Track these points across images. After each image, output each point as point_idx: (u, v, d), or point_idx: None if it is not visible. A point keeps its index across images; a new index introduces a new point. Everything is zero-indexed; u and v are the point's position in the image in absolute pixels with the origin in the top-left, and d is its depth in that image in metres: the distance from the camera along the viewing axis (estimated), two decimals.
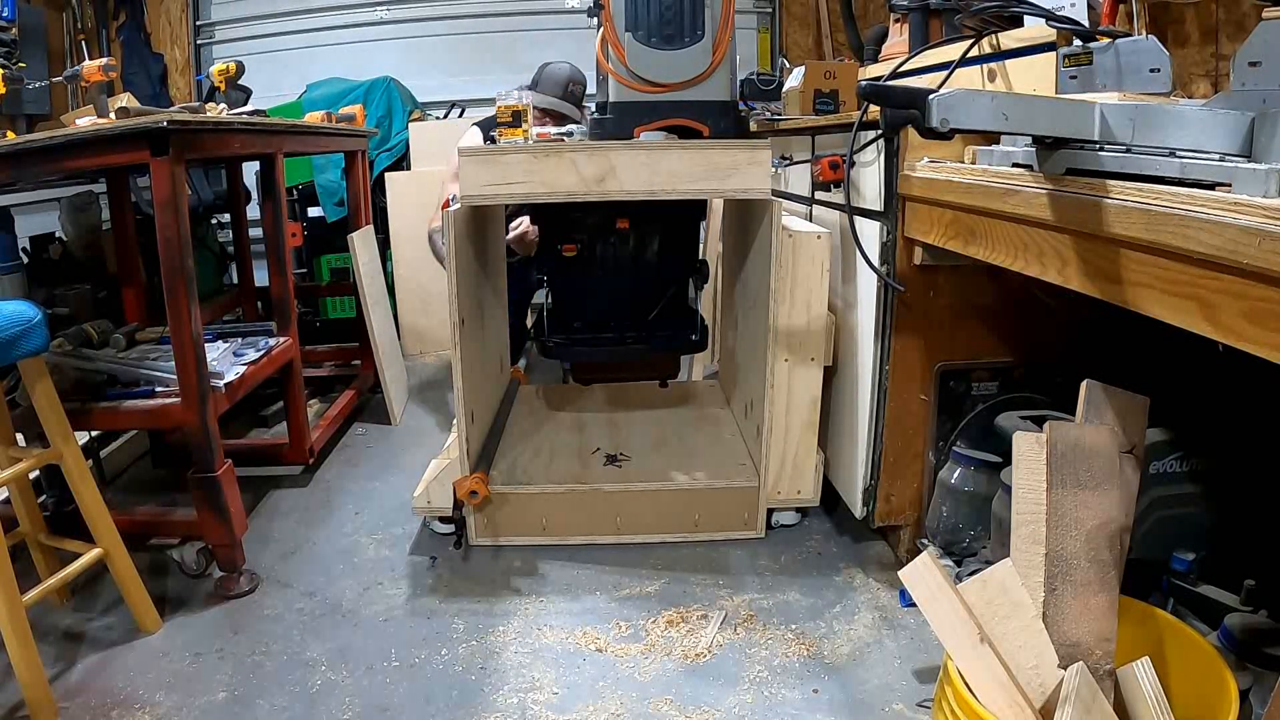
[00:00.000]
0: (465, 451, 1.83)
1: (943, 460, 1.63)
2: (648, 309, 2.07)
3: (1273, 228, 0.71)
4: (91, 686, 1.46)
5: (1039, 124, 0.99)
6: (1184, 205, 0.82)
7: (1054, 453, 1.09)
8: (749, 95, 2.68)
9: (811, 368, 1.84)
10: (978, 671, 1.01)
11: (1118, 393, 1.14)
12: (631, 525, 1.92)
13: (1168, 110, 0.95)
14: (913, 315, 1.60)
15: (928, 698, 1.37)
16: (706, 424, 2.29)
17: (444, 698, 1.42)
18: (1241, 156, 0.89)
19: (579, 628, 1.61)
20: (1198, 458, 1.31)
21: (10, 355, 1.34)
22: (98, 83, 1.93)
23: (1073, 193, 1.00)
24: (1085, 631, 1.05)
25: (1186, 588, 1.27)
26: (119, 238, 2.32)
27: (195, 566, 1.79)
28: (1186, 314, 0.85)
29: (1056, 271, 1.09)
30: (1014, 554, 1.09)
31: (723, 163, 1.69)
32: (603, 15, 1.77)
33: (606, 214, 1.93)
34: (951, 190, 1.32)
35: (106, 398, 1.71)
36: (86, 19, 3.94)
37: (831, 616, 1.63)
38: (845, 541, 1.92)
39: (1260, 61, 0.91)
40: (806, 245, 1.78)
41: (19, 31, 2.80)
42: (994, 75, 1.68)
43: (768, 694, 1.41)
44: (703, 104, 1.80)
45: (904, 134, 1.48)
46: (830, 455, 1.94)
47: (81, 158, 1.57)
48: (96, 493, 1.53)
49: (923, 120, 0.93)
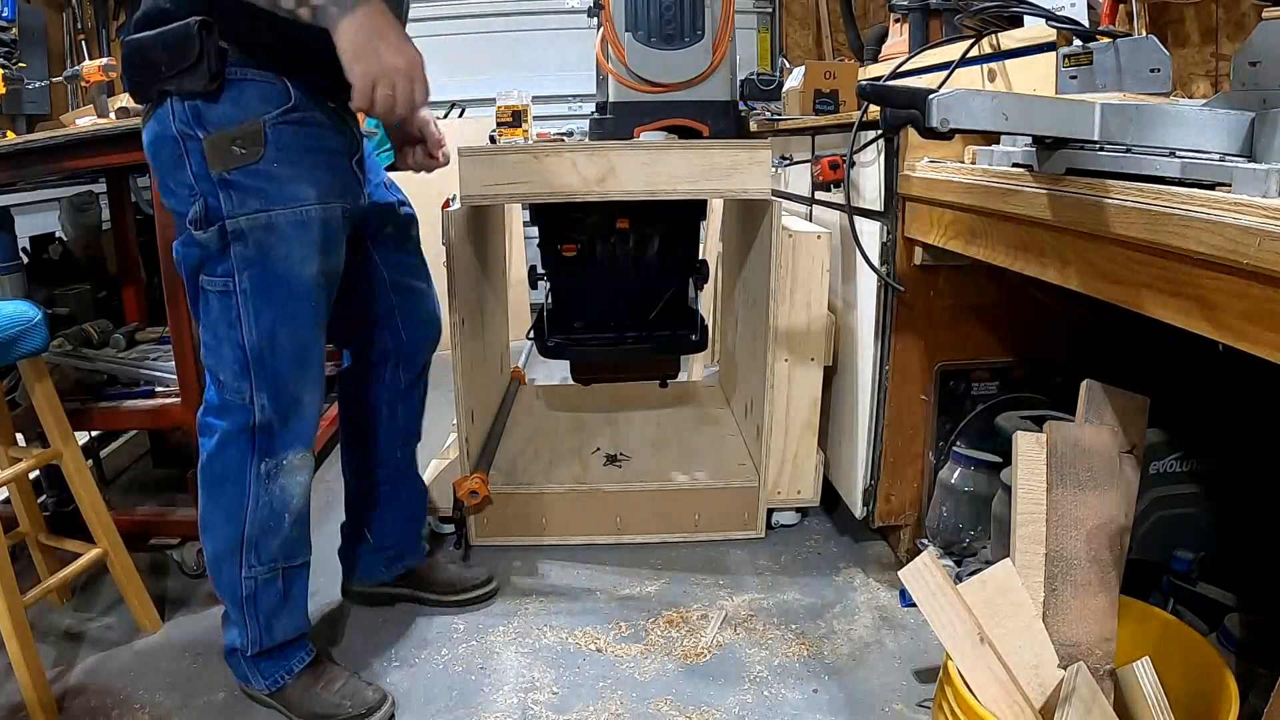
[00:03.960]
0: (465, 452, 1.83)
1: (943, 460, 1.63)
2: (647, 309, 2.07)
3: (1273, 228, 0.71)
4: (91, 686, 1.46)
5: (1039, 124, 0.99)
6: (1184, 205, 0.82)
7: (1054, 453, 1.09)
8: (749, 95, 2.68)
9: (811, 368, 1.84)
10: (978, 671, 1.01)
11: (1118, 393, 1.14)
12: (631, 525, 1.92)
13: (1168, 110, 0.95)
14: (913, 315, 1.60)
15: (928, 698, 1.37)
16: (706, 424, 2.29)
17: (444, 698, 1.42)
18: (1241, 156, 0.89)
19: (579, 628, 1.61)
20: (1198, 458, 1.31)
21: (10, 355, 1.34)
22: (98, 83, 1.93)
23: (1073, 193, 1.00)
24: (1085, 631, 1.06)
25: (1186, 588, 1.27)
26: (119, 238, 2.32)
27: (195, 566, 1.79)
28: (1186, 314, 0.85)
29: (1056, 271, 1.09)
30: (1014, 554, 1.09)
31: (723, 163, 1.69)
32: (603, 15, 1.78)
33: (606, 214, 1.93)
34: (951, 190, 1.32)
35: (106, 398, 1.71)
36: (86, 19, 3.94)
37: (831, 616, 1.63)
38: (845, 541, 1.92)
39: (1260, 61, 0.91)
40: (806, 245, 1.78)
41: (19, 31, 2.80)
42: (994, 75, 1.68)
43: (768, 694, 1.41)
44: (703, 104, 1.80)
45: (904, 134, 1.48)
46: (830, 455, 1.94)
47: (81, 158, 1.57)
48: (96, 493, 1.53)
49: (923, 120, 0.93)
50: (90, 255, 2.45)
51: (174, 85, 1.14)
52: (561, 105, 4.12)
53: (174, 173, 1.18)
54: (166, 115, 1.16)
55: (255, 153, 1.16)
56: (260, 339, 1.22)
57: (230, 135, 1.15)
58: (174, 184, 1.19)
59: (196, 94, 1.14)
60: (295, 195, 1.20)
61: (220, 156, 1.15)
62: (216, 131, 1.14)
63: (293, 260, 1.21)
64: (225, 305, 1.21)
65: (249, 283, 1.20)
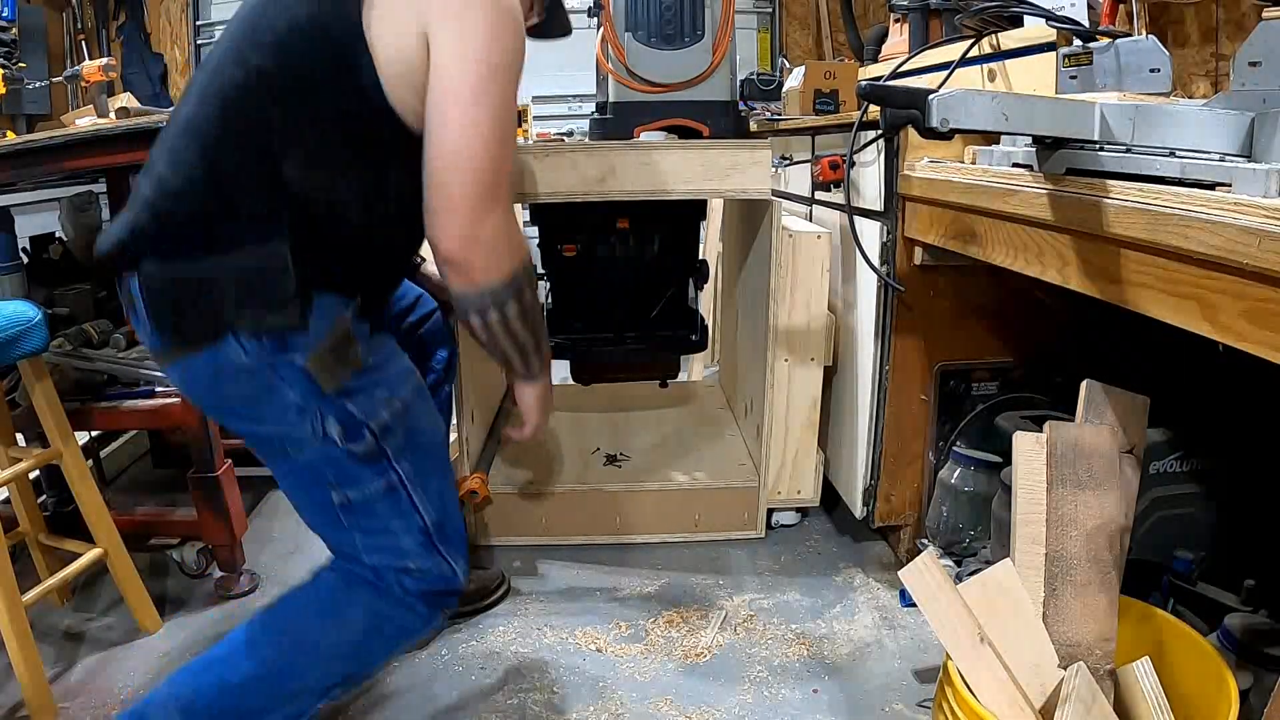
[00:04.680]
0: (465, 451, 1.83)
1: (943, 460, 1.63)
2: (648, 309, 2.07)
3: (1273, 228, 0.71)
4: (91, 686, 1.46)
5: (1039, 124, 0.99)
6: (1184, 205, 0.82)
7: (1054, 453, 1.09)
8: (749, 95, 2.68)
9: (811, 368, 1.84)
10: (978, 671, 1.01)
11: (1118, 393, 1.14)
12: (631, 525, 1.92)
13: (1168, 110, 0.95)
14: (913, 315, 1.60)
15: (928, 698, 1.37)
16: (706, 424, 2.29)
17: (445, 697, 1.42)
18: (1241, 156, 0.89)
19: (579, 628, 1.61)
20: (1198, 458, 1.31)
21: (10, 355, 1.34)
22: (98, 83, 1.93)
23: (1073, 193, 1.00)
24: (1085, 631, 1.05)
25: (1186, 588, 1.27)
26: None
27: (195, 566, 1.79)
28: (1186, 314, 0.85)
29: (1056, 271, 1.09)
30: (1014, 554, 1.09)
31: (723, 163, 1.69)
32: (603, 15, 1.77)
33: (606, 214, 1.93)
34: (951, 190, 1.32)
35: (106, 398, 1.71)
36: (86, 19, 3.95)
37: (831, 616, 1.63)
38: (845, 541, 1.92)
39: (1260, 61, 0.91)
40: (806, 245, 1.78)
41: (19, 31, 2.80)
42: (994, 75, 1.68)
43: (768, 694, 1.41)
44: (703, 104, 1.80)
45: (904, 134, 1.48)
46: (830, 455, 1.94)
47: (81, 158, 1.57)
48: (96, 493, 1.53)
49: (923, 120, 0.93)
50: (90, 255, 2.45)
51: (245, 321, 1.01)
52: (561, 105, 4.11)
53: (263, 402, 1.06)
54: (230, 351, 1.02)
55: (356, 355, 1.07)
56: (436, 509, 1.14)
57: (328, 352, 1.05)
58: (266, 412, 1.07)
59: (280, 329, 1.02)
60: (402, 365, 1.16)
61: (329, 376, 1.05)
62: (312, 354, 1.04)
63: (426, 421, 1.17)
64: (393, 500, 1.11)
65: (409, 465, 1.12)
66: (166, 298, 1.03)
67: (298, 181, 1.02)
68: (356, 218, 1.08)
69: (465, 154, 1.01)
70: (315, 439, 1.07)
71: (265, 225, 1.02)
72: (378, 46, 1.00)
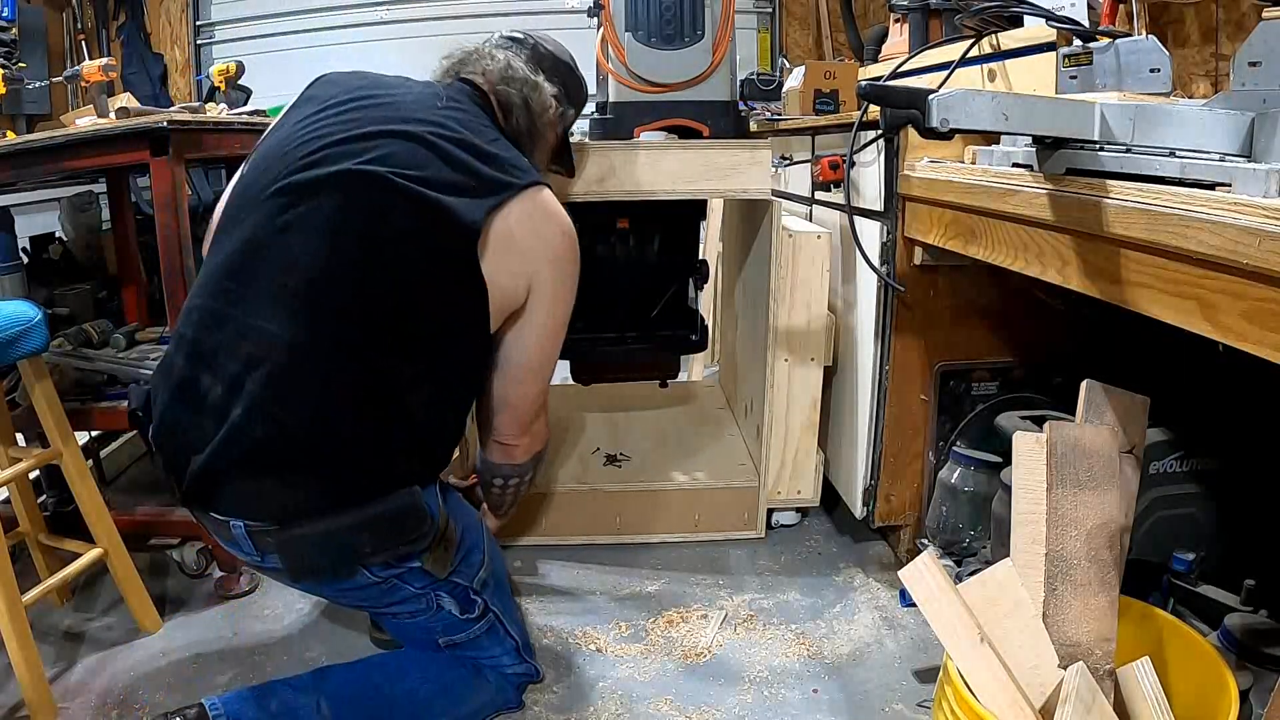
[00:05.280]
0: (465, 452, 1.83)
1: (943, 460, 1.63)
2: (648, 309, 2.07)
3: (1273, 228, 0.71)
4: (91, 686, 1.46)
5: (1039, 124, 0.99)
6: (1184, 205, 0.82)
7: (1054, 453, 1.09)
8: (749, 95, 2.68)
9: (811, 368, 1.84)
10: (978, 671, 1.01)
11: (1118, 393, 1.14)
12: (631, 525, 1.92)
13: (1168, 110, 0.95)
14: (913, 315, 1.60)
15: (928, 698, 1.37)
16: (706, 424, 2.29)
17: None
18: (1241, 156, 0.89)
19: (579, 628, 1.61)
20: (1198, 458, 1.31)
21: (10, 355, 1.34)
22: (98, 83, 1.93)
23: (1073, 193, 1.00)
24: (1085, 631, 1.05)
25: (1186, 588, 1.27)
26: (119, 238, 2.32)
27: (195, 566, 1.79)
28: (1186, 314, 0.85)
29: (1056, 271, 1.09)
30: (1014, 554, 1.09)
31: (723, 163, 1.69)
32: (603, 15, 1.77)
33: (606, 214, 1.93)
34: (951, 190, 1.32)
35: (106, 398, 1.71)
36: (86, 19, 3.95)
37: (831, 616, 1.63)
38: (845, 541, 1.92)
39: (1260, 61, 0.91)
40: (806, 245, 1.78)
41: (19, 31, 2.80)
42: (994, 75, 1.68)
43: (768, 694, 1.41)
44: (703, 104, 1.80)
45: (904, 134, 1.48)
46: (830, 455, 1.94)
47: (81, 158, 1.57)
48: (96, 493, 1.53)
49: (923, 120, 0.93)
50: (90, 255, 2.45)
51: (380, 558, 1.15)
52: None
53: (384, 598, 1.23)
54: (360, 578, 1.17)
55: (452, 533, 1.24)
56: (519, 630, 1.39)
57: (435, 544, 1.19)
58: (384, 602, 1.24)
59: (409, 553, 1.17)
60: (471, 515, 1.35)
61: (441, 565, 1.22)
62: (427, 556, 1.19)
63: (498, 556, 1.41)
64: (495, 637, 1.34)
65: (499, 602, 1.34)
66: (292, 549, 1.13)
67: (420, 410, 1.17)
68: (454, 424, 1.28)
69: (541, 373, 1.32)
70: (430, 613, 1.26)
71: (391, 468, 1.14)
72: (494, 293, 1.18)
